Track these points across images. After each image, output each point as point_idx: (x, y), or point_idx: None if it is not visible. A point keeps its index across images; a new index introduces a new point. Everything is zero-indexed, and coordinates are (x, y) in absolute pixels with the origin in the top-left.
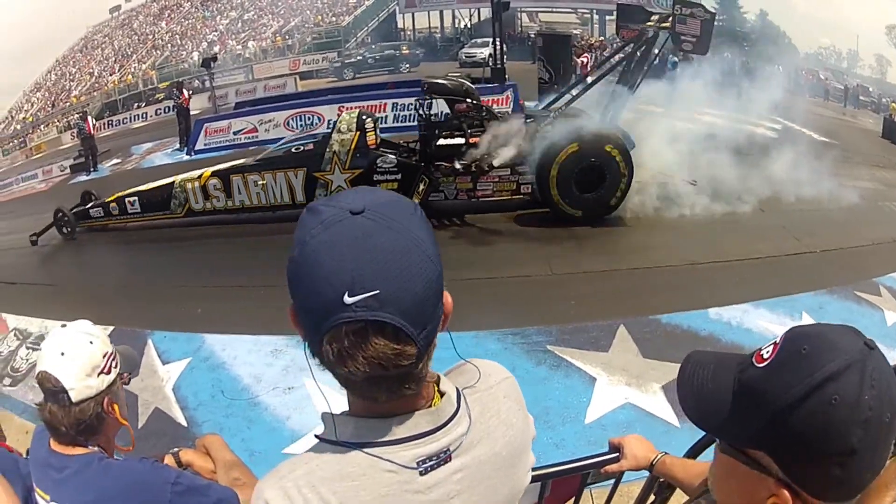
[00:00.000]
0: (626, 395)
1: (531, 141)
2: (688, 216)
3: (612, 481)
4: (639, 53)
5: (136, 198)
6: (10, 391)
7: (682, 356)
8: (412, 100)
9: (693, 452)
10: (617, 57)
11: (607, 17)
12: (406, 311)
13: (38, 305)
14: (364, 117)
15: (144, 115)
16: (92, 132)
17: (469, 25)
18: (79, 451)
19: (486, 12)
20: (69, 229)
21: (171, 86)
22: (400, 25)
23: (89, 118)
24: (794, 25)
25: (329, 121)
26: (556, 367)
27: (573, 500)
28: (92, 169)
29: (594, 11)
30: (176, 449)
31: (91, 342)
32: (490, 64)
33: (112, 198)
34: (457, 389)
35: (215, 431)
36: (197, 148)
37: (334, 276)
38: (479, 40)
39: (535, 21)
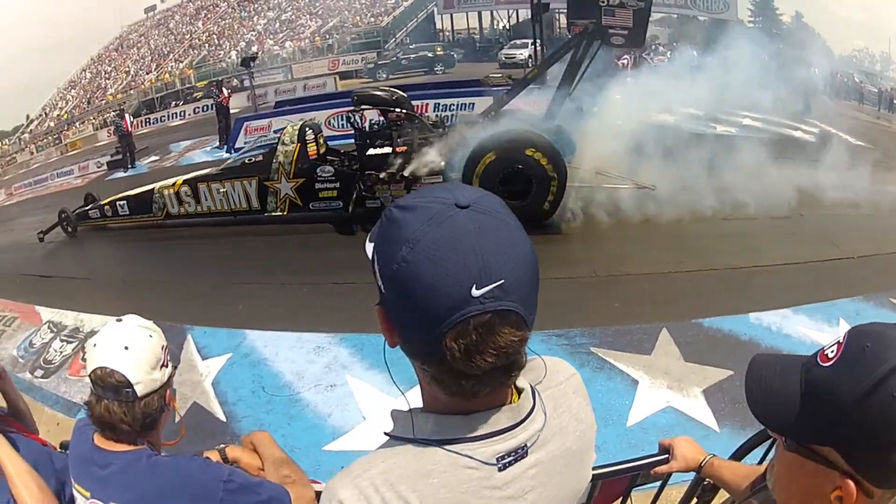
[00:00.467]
0: (668, 399)
1: (452, 150)
2: (730, 220)
3: (658, 484)
4: (580, 50)
5: (125, 201)
6: (42, 383)
7: (723, 361)
8: (454, 101)
9: (738, 455)
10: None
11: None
12: (523, 298)
13: (72, 299)
14: (306, 129)
15: (182, 114)
16: (129, 129)
17: (508, 27)
18: (125, 447)
19: (523, 13)
20: (71, 228)
21: (209, 84)
22: (438, 26)
23: (127, 115)
24: (829, 27)
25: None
26: (600, 370)
27: (620, 501)
28: (129, 166)
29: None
30: (222, 445)
31: (150, 336)
32: (530, 65)
33: (106, 201)
34: (529, 385)
35: (255, 427)
36: (237, 146)
37: (460, 271)
38: (518, 41)
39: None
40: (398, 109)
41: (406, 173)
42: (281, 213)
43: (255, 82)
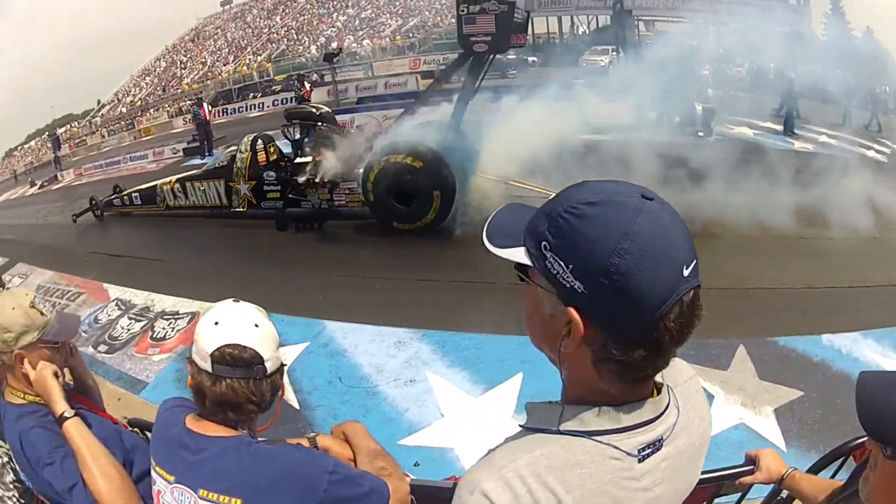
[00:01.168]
0: (741, 416)
1: (361, 158)
2: (807, 239)
3: (738, 496)
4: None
5: (137, 194)
6: (105, 358)
7: (795, 380)
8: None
9: (813, 471)
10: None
11: (721, 29)
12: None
13: (142, 280)
14: (258, 140)
15: (261, 105)
16: (207, 118)
17: (587, 32)
18: (224, 432)
19: (603, 19)
20: (99, 213)
21: (288, 78)
22: None
23: (205, 104)
24: None
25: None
26: None
27: None
28: (207, 153)
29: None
30: (313, 434)
31: (267, 316)
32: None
33: (126, 192)
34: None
35: (329, 417)
36: None
37: (674, 255)
38: (598, 47)
39: (651, 30)
40: (321, 123)
41: (326, 179)
42: (242, 210)
43: (337, 78)
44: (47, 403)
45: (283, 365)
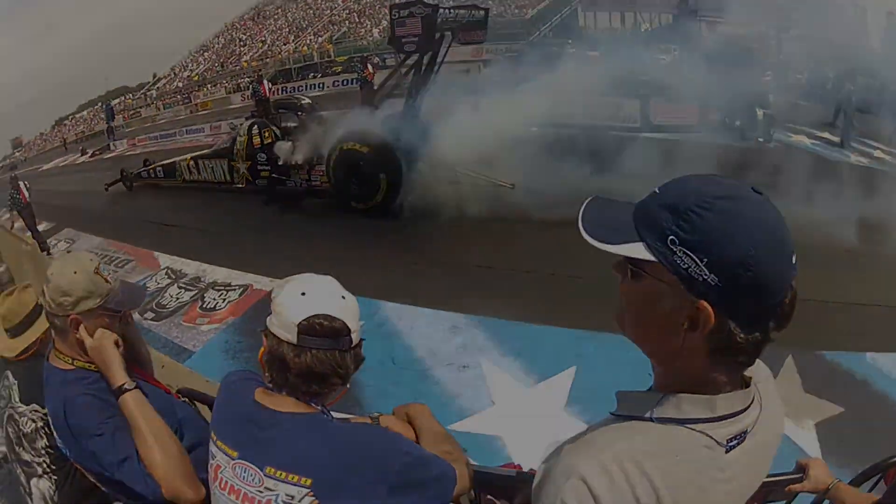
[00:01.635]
0: (784, 427)
1: (329, 143)
2: (864, 255)
3: (783, 503)
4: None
5: (161, 168)
6: (152, 325)
7: (836, 397)
8: None
9: (855, 484)
10: None
11: (782, 35)
12: None
13: (190, 250)
14: (254, 126)
15: (321, 86)
16: (267, 95)
17: (650, 29)
18: (294, 408)
19: (666, 18)
20: (129, 184)
21: (349, 60)
22: (581, 24)
23: (265, 81)
24: None
25: None
26: None
27: None
28: None
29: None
30: (375, 413)
31: None
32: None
33: (152, 166)
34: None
35: (378, 397)
36: None
37: (787, 245)
38: (661, 45)
39: (714, 31)
40: (300, 112)
41: (300, 161)
42: (241, 186)
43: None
44: (105, 373)
45: (362, 339)
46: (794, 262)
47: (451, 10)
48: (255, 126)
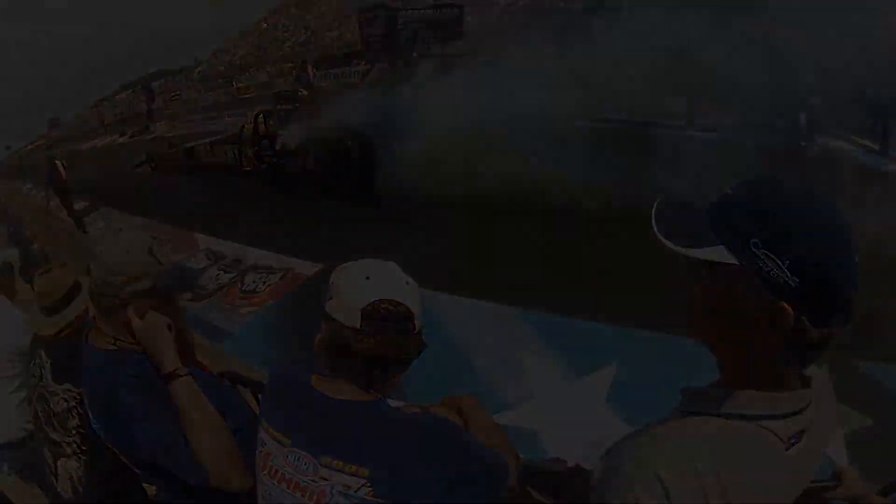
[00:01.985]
0: None
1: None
2: None
3: None
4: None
5: (182, 151)
6: (190, 306)
7: (866, 408)
8: None
9: (883, 493)
10: None
11: (829, 37)
12: None
13: (233, 233)
14: (260, 116)
15: (365, 73)
16: (313, 80)
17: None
18: (352, 395)
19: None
20: (154, 165)
21: None
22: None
23: (309, 67)
24: None
25: None
26: None
27: None
28: None
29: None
30: (426, 405)
31: None
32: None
33: (173, 149)
34: None
35: (416, 386)
36: None
37: (854, 246)
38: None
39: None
40: (297, 104)
41: (289, 149)
42: (249, 169)
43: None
44: (156, 357)
45: (423, 325)
46: (857, 260)
47: (419, 10)
48: (261, 114)
